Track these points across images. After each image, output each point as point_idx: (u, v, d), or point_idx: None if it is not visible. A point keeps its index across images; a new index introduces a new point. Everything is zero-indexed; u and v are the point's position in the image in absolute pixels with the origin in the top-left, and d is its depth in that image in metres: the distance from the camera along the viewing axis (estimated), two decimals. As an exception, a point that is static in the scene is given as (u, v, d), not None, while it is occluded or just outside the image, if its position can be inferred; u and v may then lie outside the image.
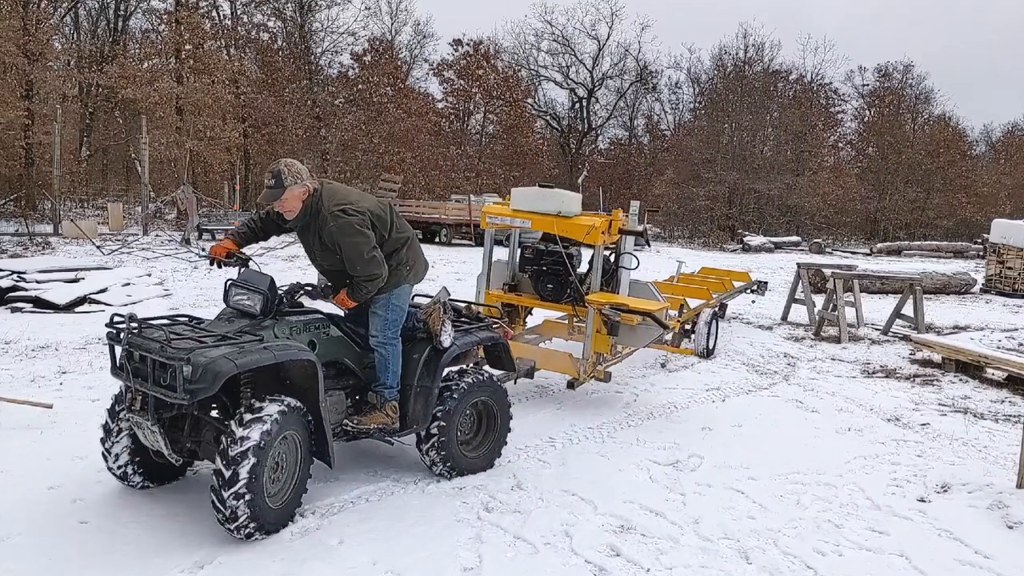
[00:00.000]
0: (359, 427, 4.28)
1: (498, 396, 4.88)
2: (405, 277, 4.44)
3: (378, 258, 4.15)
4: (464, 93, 41.45)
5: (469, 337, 4.81)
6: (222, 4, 34.34)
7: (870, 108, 46.80)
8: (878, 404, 6.90)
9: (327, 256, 4.24)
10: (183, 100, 26.42)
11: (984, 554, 3.98)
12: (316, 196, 4.12)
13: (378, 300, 4.35)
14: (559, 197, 6.36)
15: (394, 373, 4.36)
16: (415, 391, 4.47)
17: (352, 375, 4.39)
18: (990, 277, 17.15)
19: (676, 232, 39.75)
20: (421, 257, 4.61)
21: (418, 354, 4.51)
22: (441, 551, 3.76)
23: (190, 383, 3.47)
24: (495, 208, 6.70)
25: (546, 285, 6.65)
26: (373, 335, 4.35)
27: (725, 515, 4.34)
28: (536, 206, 6.38)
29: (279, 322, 3.99)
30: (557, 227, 6.26)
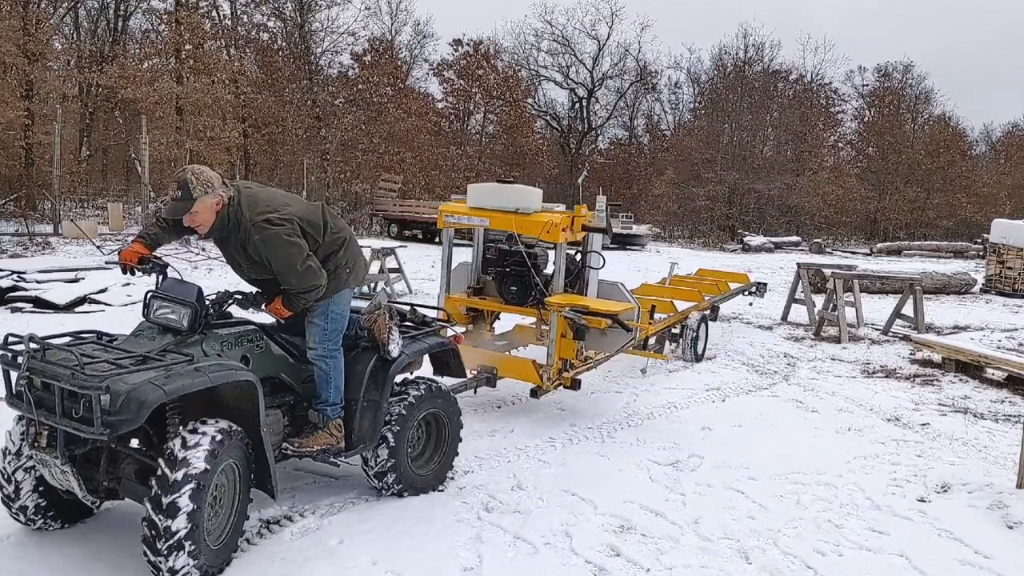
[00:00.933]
0: (300, 450, 3.91)
1: (449, 407, 4.57)
2: (345, 281, 4.03)
3: (314, 267, 3.74)
4: (464, 93, 41.45)
5: (418, 344, 4.45)
6: (222, 4, 34.33)
7: (870, 108, 46.81)
8: (878, 404, 6.90)
9: (255, 268, 3.84)
10: (183, 100, 26.42)
11: (984, 554, 3.99)
12: (233, 206, 3.66)
13: (316, 308, 3.95)
14: (517, 193, 5.99)
15: (337, 388, 3.99)
16: (361, 406, 4.09)
17: (289, 391, 3.99)
18: (990, 277, 17.15)
19: (676, 232, 39.75)
20: (361, 257, 4.21)
21: (363, 365, 4.12)
22: (441, 551, 3.76)
23: (109, 415, 2.97)
24: (452, 206, 6.34)
25: (510, 287, 6.26)
26: (312, 347, 3.95)
27: (725, 515, 4.34)
28: (494, 203, 6.02)
29: (208, 337, 3.55)
30: (516, 225, 5.88)
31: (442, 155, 36.28)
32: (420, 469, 4.45)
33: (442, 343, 4.68)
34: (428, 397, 4.40)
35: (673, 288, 9.79)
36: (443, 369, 4.88)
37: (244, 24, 34.82)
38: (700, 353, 8.39)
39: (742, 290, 10.91)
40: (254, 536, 3.81)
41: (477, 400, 6.17)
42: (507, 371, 5.91)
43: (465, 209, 6.17)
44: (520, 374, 5.87)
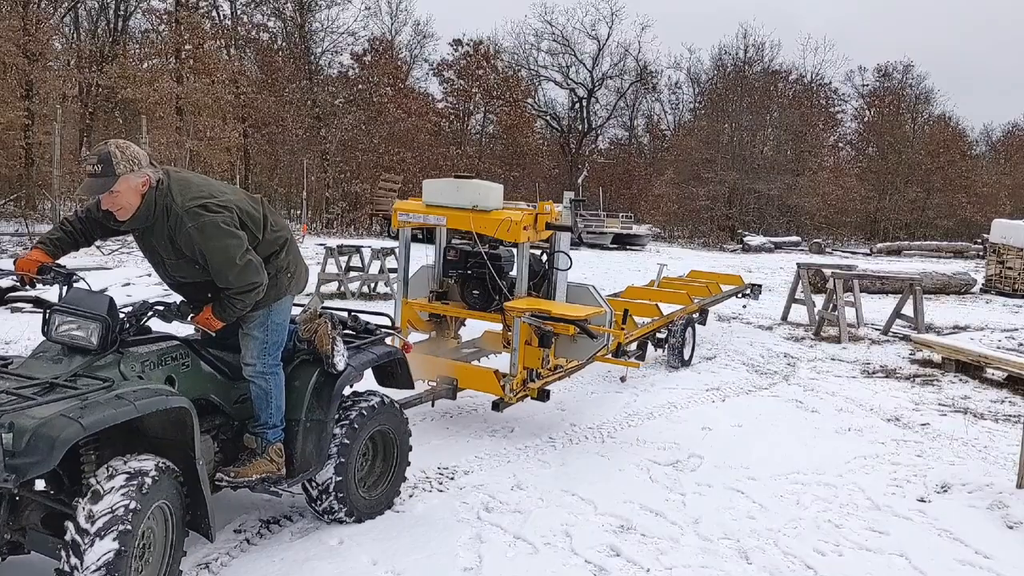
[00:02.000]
0: (236, 480, 3.46)
1: (398, 423, 4.17)
2: (286, 287, 3.59)
3: (255, 263, 3.29)
4: (464, 93, 41.46)
5: (364, 355, 4.06)
6: (222, 4, 34.36)
7: (870, 108, 46.83)
8: (878, 404, 6.90)
9: (182, 267, 3.35)
10: (183, 100, 26.45)
11: (984, 554, 3.98)
12: (162, 190, 3.19)
13: (253, 319, 3.50)
14: (475, 189, 5.56)
15: (277, 408, 3.57)
16: (304, 427, 3.67)
17: (219, 413, 3.56)
18: (990, 277, 17.15)
19: (676, 232, 39.77)
20: (303, 262, 3.78)
21: (304, 381, 3.72)
22: (441, 551, 3.76)
23: (14, 456, 2.50)
24: (407, 204, 5.89)
25: (472, 292, 5.89)
26: (249, 363, 3.50)
27: (725, 515, 4.34)
28: (450, 200, 5.58)
29: (125, 356, 3.09)
30: (474, 223, 5.46)
31: (442, 155, 36.30)
32: (368, 492, 4.06)
33: (390, 352, 4.27)
34: (377, 413, 4.00)
35: (660, 290, 9.52)
36: (389, 380, 4.46)
37: (244, 24, 34.84)
38: (687, 359, 8.05)
39: (735, 292, 10.64)
40: (254, 536, 3.81)
41: (477, 400, 6.17)
42: (468, 382, 5.53)
43: (420, 207, 5.74)
44: (481, 385, 5.49)
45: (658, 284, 10.02)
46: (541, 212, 5.57)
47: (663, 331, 7.96)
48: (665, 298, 8.91)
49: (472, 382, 5.55)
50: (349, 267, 12.07)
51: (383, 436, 4.14)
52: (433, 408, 5.85)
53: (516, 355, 5.36)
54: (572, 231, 5.80)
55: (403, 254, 6.04)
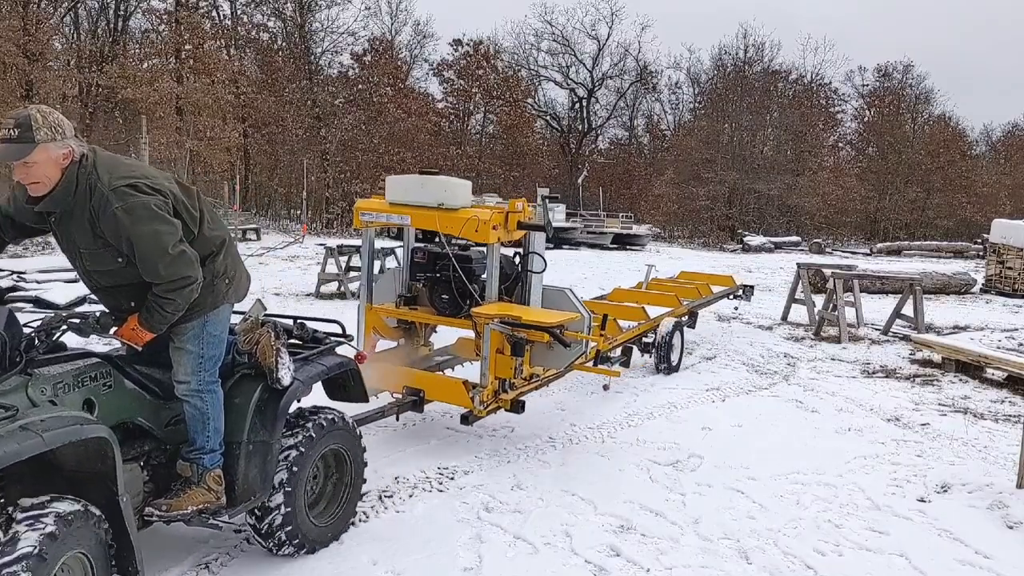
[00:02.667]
0: (169, 514, 3.05)
1: (351, 441, 3.83)
2: (224, 295, 3.20)
3: (189, 255, 2.91)
4: (464, 93, 41.48)
5: (313, 367, 3.68)
6: (222, 4, 34.37)
7: (870, 108, 46.87)
8: (878, 404, 6.90)
9: (101, 259, 2.92)
10: (183, 100, 26.46)
11: (984, 554, 3.98)
12: (86, 167, 2.81)
13: (186, 331, 3.11)
14: (441, 185, 5.21)
15: (216, 430, 3.19)
16: (247, 451, 3.30)
17: (149, 438, 3.16)
18: (990, 277, 17.15)
19: (676, 232, 39.78)
20: (242, 267, 3.39)
21: (245, 398, 3.34)
22: (441, 551, 3.76)
23: None
24: (370, 202, 5.53)
25: (440, 296, 5.53)
26: (182, 380, 3.12)
27: (725, 515, 4.34)
28: (415, 197, 5.23)
29: (33, 379, 2.71)
30: (440, 222, 5.13)
31: (442, 155, 36.31)
32: (319, 518, 3.69)
33: (341, 363, 3.88)
34: (328, 431, 3.64)
35: (648, 292, 9.18)
36: (341, 394, 4.08)
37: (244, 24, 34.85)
38: (675, 364, 7.72)
39: (727, 294, 10.26)
40: (254, 536, 3.81)
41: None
42: (435, 393, 5.21)
43: (384, 206, 5.38)
44: (449, 396, 5.17)
45: (646, 286, 9.74)
46: (512, 211, 5.23)
47: (650, 335, 7.67)
48: (653, 300, 8.63)
49: (440, 393, 5.21)
50: (349, 267, 12.07)
51: (335, 456, 3.79)
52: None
53: (486, 364, 5.00)
54: (546, 231, 5.41)
55: (366, 256, 5.65)
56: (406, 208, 5.27)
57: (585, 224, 29.62)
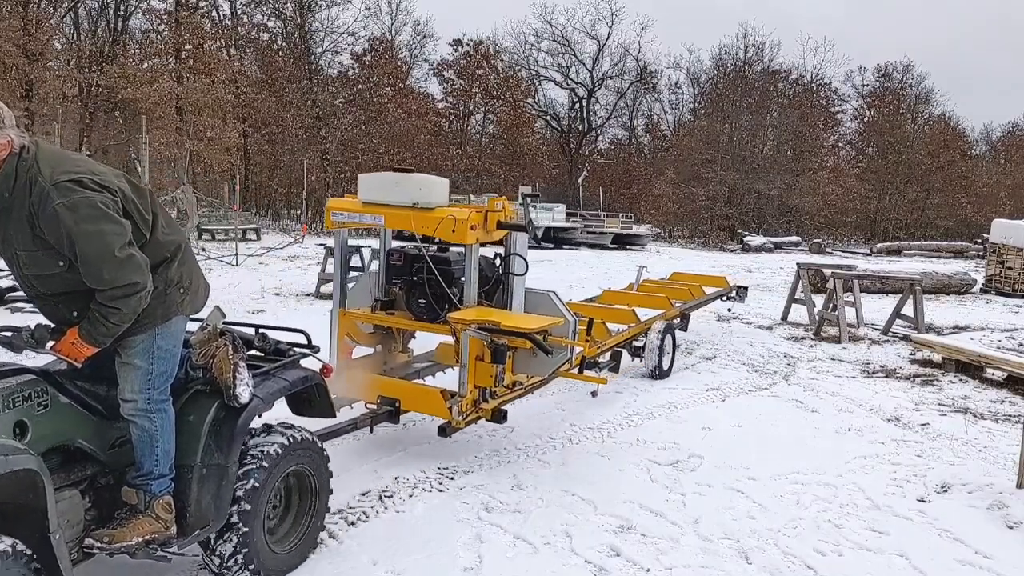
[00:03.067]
0: (113, 545, 2.77)
1: (316, 461, 3.53)
2: (178, 305, 2.93)
3: (138, 259, 2.65)
4: (464, 93, 41.51)
5: (274, 383, 3.39)
6: (222, 4, 34.39)
7: (870, 108, 46.89)
8: (878, 404, 6.90)
9: (39, 262, 2.65)
10: (183, 100, 26.48)
11: (984, 554, 3.98)
12: (27, 160, 2.57)
13: (133, 344, 2.83)
14: (416, 183, 4.97)
15: (165, 453, 2.92)
16: (200, 475, 3.02)
17: (91, 462, 2.87)
18: (990, 277, 17.15)
19: (676, 232, 39.80)
20: (200, 275, 3.12)
21: (199, 417, 3.07)
22: (441, 551, 3.76)
23: None
24: (342, 202, 5.25)
25: (418, 301, 5.26)
26: (129, 399, 2.84)
27: (725, 515, 4.34)
28: (388, 196, 4.99)
29: None
30: (415, 222, 4.90)
31: (442, 155, 36.34)
32: (279, 544, 3.40)
33: (305, 377, 3.59)
34: (291, 451, 3.34)
35: (638, 294, 8.93)
36: (306, 409, 3.78)
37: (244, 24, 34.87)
38: (666, 368, 7.49)
39: (720, 295, 10.01)
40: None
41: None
42: (411, 403, 4.95)
43: (356, 205, 5.12)
44: (426, 406, 4.91)
45: (637, 287, 9.53)
46: (492, 209, 4.98)
47: (641, 338, 7.44)
48: (643, 302, 8.44)
49: (416, 403, 4.94)
50: (349, 267, 12.06)
51: (298, 477, 3.50)
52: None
53: (465, 372, 4.75)
54: (527, 230, 5.18)
55: (338, 259, 5.34)
56: (380, 208, 5.02)
57: (585, 224, 29.64)
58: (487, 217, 4.93)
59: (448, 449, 5.17)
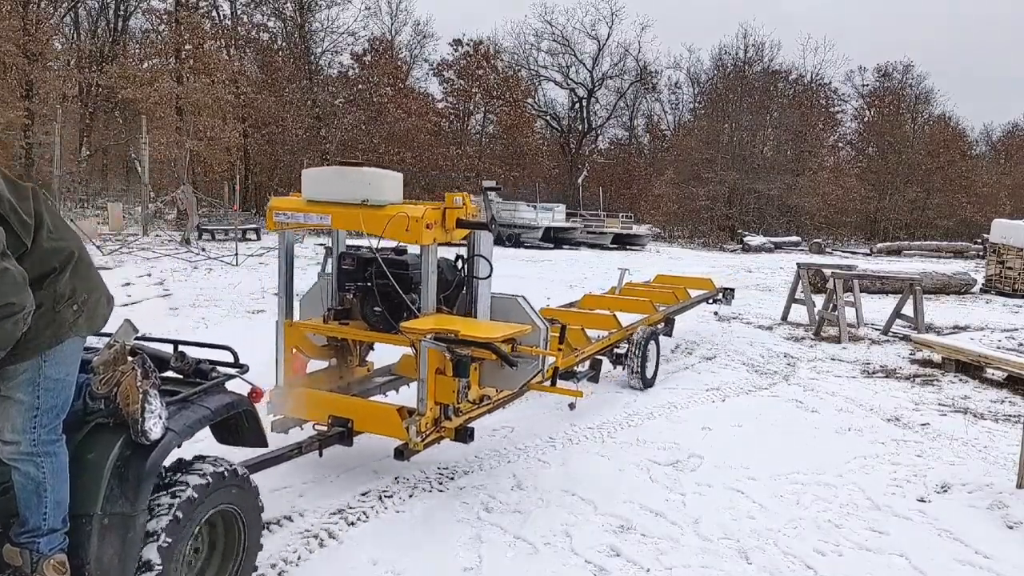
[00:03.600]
0: None
1: (245, 499, 3.08)
2: (71, 325, 2.46)
3: (13, 274, 2.19)
4: (464, 93, 41.51)
5: (193, 412, 2.91)
6: (222, 4, 34.40)
7: (870, 108, 46.90)
8: (878, 404, 6.90)
9: None
10: (183, 100, 26.47)
11: (984, 554, 3.98)
12: None
13: (14, 374, 2.38)
14: (364, 178, 4.53)
15: (56, 504, 2.47)
16: (101, 526, 2.54)
17: None
18: (990, 277, 17.16)
19: (676, 232, 39.80)
20: (100, 287, 2.62)
21: (100, 456, 2.58)
22: (441, 551, 3.76)
23: None
24: (285, 200, 4.77)
25: (372, 308, 4.76)
26: (10, 440, 2.41)
27: (725, 515, 4.34)
28: (335, 193, 4.54)
29: None
30: (364, 222, 4.44)
31: (442, 155, 36.34)
32: None
33: (231, 403, 3.08)
34: (214, 490, 2.87)
35: (620, 298, 8.52)
36: (233, 438, 3.28)
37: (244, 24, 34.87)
38: (649, 377, 7.08)
39: (706, 298, 9.65)
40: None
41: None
42: (365, 422, 4.49)
43: (301, 204, 4.64)
44: (381, 426, 4.44)
45: (620, 291, 9.07)
46: (450, 206, 4.55)
47: (623, 345, 7.07)
48: (626, 307, 8.13)
49: (370, 423, 4.48)
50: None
51: (224, 518, 3.02)
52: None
53: (424, 388, 4.34)
54: (489, 229, 4.66)
55: (283, 263, 4.82)
56: (326, 206, 4.55)
57: (585, 224, 29.66)
58: (445, 215, 4.49)
59: (448, 449, 5.16)
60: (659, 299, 8.53)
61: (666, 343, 9.10)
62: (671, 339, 9.36)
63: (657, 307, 8.11)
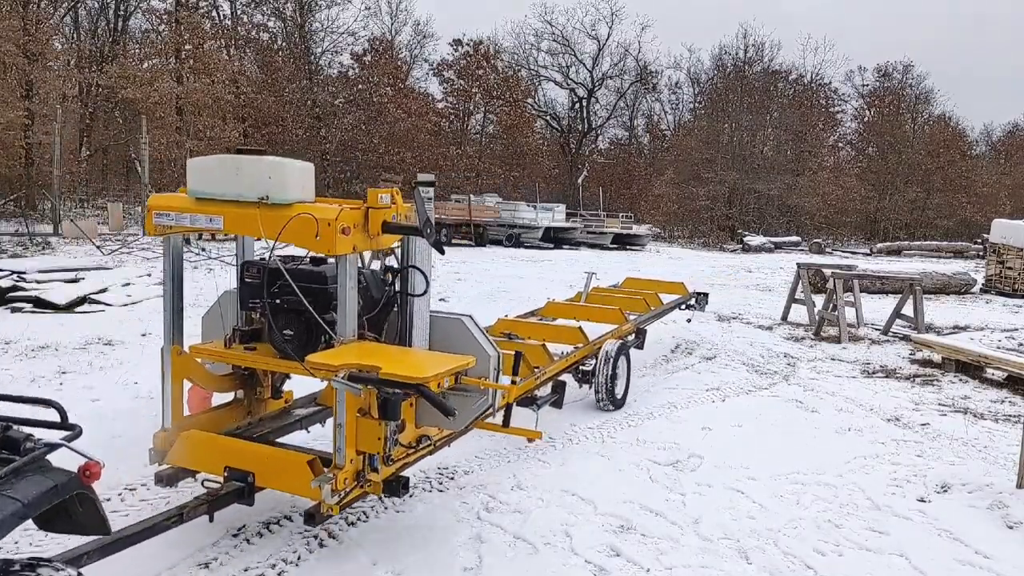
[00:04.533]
0: None
1: None
2: None
3: None
4: (464, 93, 41.50)
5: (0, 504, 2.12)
6: (222, 4, 34.41)
7: (870, 108, 46.90)
8: (878, 404, 6.90)
9: None
10: (183, 100, 26.48)
11: (984, 554, 3.98)
12: None
13: None
14: (263, 169, 3.65)
15: None
16: None
17: None
18: (990, 277, 17.15)
19: (676, 232, 39.80)
20: None
21: None
22: (441, 551, 3.76)
23: None
24: (166, 199, 3.92)
25: (283, 331, 3.84)
26: None
27: (725, 515, 4.34)
28: (228, 188, 3.68)
29: None
30: (263, 224, 3.60)
31: (442, 155, 36.33)
32: None
33: (55, 488, 2.30)
34: None
35: (587, 306, 7.73)
36: (64, 525, 2.52)
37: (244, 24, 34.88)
38: (619, 397, 6.31)
39: (678, 303, 8.91)
40: (254, 536, 3.81)
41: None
42: (269, 476, 3.62)
43: (187, 202, 3.83)
44: (288, 482, 3.59)
45: (586, 297, 8.23)
46: (375, 205, 3.67)
47: (589, 361, 6.25)
48: (593, 316, 7.39)
49: (275, 477, 3.61)
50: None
51: None
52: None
53: (341, 435, 3.46)
54: (423, 234, 3.70)
55: (169, 276, 3.95)
56: (217, 204, 3.71)
57: (585, 224, 29.66)
58: (368, 216, 3.66)
59: (448, 449, 5.16)
60: (629, 306, 7.77)
61: (666, 342, 9.11)
62: (672, 339, 9.37)
63: (627, 316, 7.30)
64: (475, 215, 25.71)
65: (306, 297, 3.70)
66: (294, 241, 3.59)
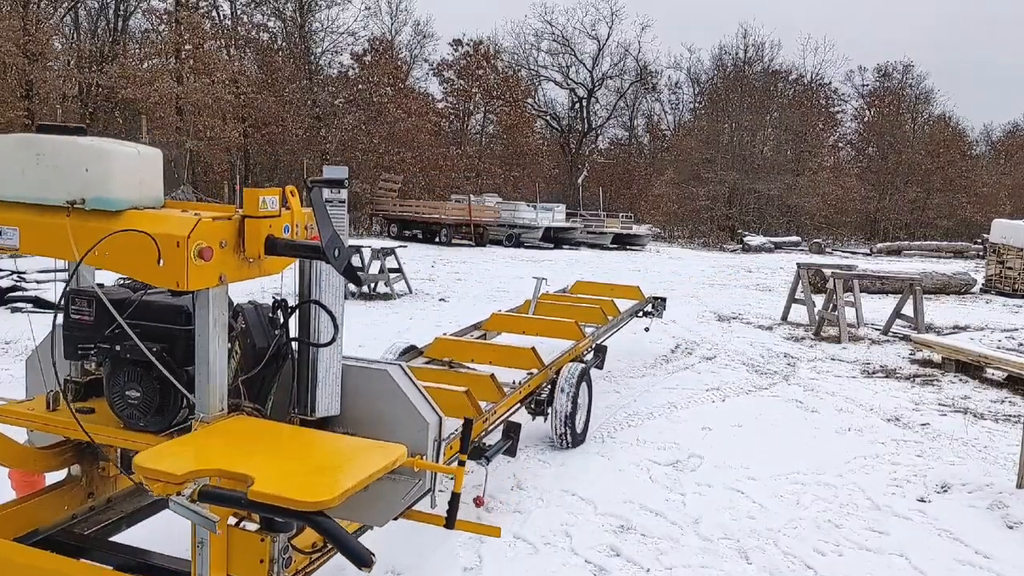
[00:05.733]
0: None
1: None
2: None
3: None
4: (464, 93, 41.50)
5: None
6: (222, 4, 34.41)
7: (870, 108, 46.90)
8: (878, 404, 6.90)
9: None
10: (183, 100, 26.49)
11: (984, 554, 3.98)
12: None
13: None
14: (76, 157, 2.45)
15: None
16: None
17: None
18: (990, 277, 17.15)
19: (676, 232, 39.80)
20: None
21: None
22: (441, 551, 3.76)
23: None
24: None
25: (124, 393, 2.68)
26: None
27: (725, 515, 4.34)
28: (20, 186, 2.52)
29: None
30: (77, 242, 2.41)
31: (442, 155, 36.33)
32: None
33: None
34: None
35: (537, 319, 6.63)
36: None
37: (244, 24, 34.88)
38: (580, 431, 5.30)
39: (635, 310, 7.98)
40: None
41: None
42: None
43: None
44: None
45: (535, 307, 7.22)
46: (254, 214, 2.49)
47: (543, 389, 5.19)
48: (544, 330, 6.34)
49: None
50: None
51: None
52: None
53: (204, 558, 2.27)
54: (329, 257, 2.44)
55: None
56: (10, 210, 2.54)
57: (585, 224, 29.65)
58: (244, 228, 2.49)
59: (448, 449, 5.17)
60: (584, 317, 6.82)
61: (666, 342, 9.11)
62: (672, 339, 9.37)
63: (584, 329, 6.25)
64: (475, 215, 25.72)
65: (157, 343, 2.59)
66: (122, 268, 2.42)
